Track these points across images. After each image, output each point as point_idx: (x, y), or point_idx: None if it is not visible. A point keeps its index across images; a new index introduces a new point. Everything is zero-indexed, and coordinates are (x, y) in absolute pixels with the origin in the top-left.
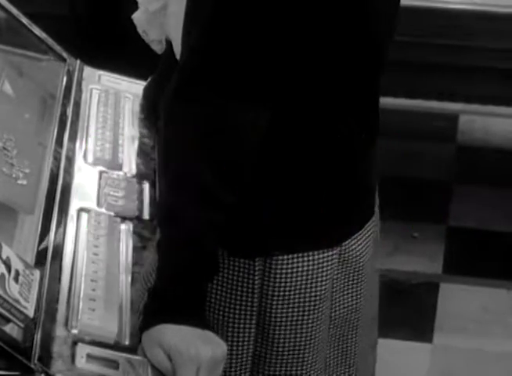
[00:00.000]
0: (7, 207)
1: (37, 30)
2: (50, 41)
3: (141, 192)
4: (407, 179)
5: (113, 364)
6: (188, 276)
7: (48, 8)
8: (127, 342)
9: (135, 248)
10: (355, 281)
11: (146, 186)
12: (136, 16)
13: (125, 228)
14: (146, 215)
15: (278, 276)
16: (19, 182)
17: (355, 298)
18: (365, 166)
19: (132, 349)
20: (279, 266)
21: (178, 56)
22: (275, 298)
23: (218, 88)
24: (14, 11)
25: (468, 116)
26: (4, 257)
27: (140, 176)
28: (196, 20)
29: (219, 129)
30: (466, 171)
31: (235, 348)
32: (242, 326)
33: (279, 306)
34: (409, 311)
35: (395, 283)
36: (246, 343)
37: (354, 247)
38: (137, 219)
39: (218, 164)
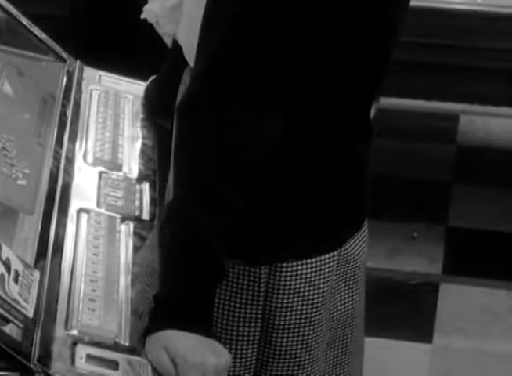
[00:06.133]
0: (7, 208)
1: (37, 31)
2: (50, 42)
3: (141, 192)
4: (407, 179)
5: (113, 365)
6: (194, 283)
7: (48, 8)
8: (126, 343)
9: (134, 248)
10: (351, 282)
11: (146, 186)
12: (149, 8)
13: (125, 228)
14: (145, 216)
15: (282, 281)
16: (19, 182)
17: (351, 298)
18: (363, 168)
19: (132, 350)
20: (284, 273)
21: (188, 60)
22: (279, 302)
23: (233, 96)
24: (14, 11)
25: (468, 116)
26: (3, 257)
27: (140, 177)
28: (214, 29)
29: (232, 136)
30: (466, 172)
31: (239, 352)
32: (246, 330)
33: (283, 310)
34: (408, 311)
35: (395, 283)
36: (250, 347)
37: (351, 248)
38: (137, 219)
39: (229, 170)
